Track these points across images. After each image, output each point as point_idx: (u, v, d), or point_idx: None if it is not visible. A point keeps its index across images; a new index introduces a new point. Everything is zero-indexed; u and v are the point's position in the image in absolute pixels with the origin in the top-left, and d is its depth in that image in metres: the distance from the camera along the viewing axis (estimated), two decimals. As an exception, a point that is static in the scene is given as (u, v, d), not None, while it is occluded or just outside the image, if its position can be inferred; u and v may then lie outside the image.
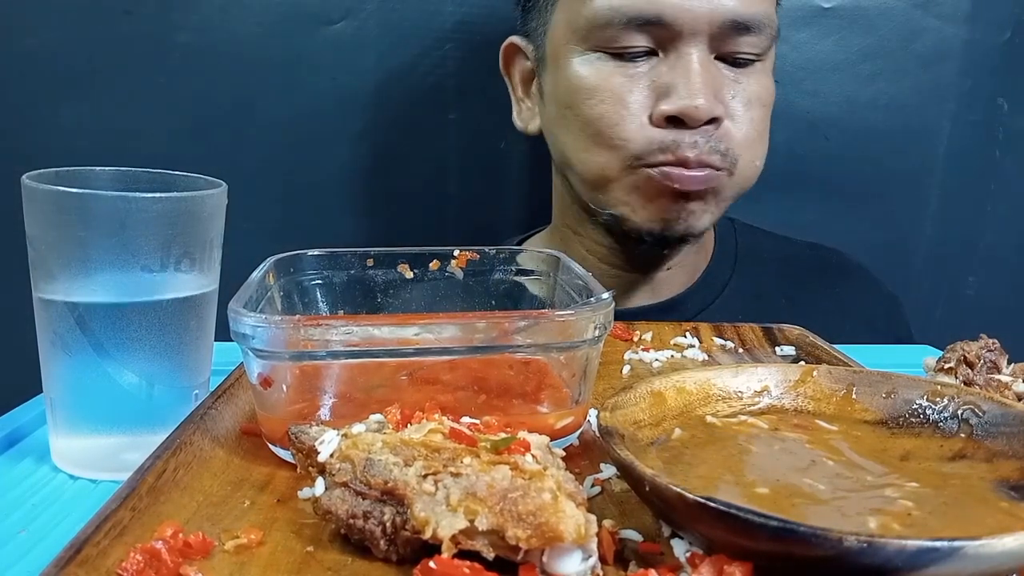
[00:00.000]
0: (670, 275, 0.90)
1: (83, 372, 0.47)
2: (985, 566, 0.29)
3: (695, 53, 0.74)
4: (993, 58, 1.08)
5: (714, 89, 0.74)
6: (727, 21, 0.74)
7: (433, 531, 0.32)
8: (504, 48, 0.87)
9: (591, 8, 0.74)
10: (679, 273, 0.90)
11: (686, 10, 0.72)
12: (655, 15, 0.72)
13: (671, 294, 0.90)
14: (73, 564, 0.32)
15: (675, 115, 0.73)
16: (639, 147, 0.75)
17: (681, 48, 0.74)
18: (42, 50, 1.00)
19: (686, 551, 0.35)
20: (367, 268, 0.59)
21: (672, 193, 0.76)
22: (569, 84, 0.78)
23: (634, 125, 0.75)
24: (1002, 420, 0.41)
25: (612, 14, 0.73)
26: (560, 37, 0.79)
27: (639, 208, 0.78)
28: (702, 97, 0.73)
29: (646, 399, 0.44)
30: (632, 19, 0.73)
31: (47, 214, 0.46)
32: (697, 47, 0.74)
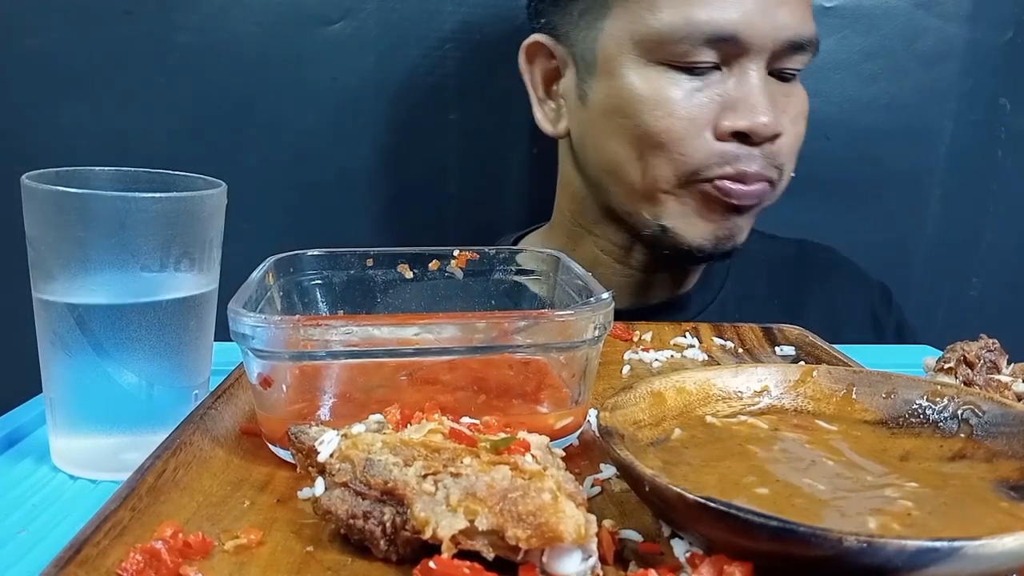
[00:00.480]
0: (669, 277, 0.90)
1: (83, 372, 0.47)
2: (985, 566, 0.29)
3: (758, 69, 0.75)
4: (995, 58, 1.08)
5: (775, 105, 0.76)
6: (789, 40, 0.75)
7: (433, 531, 0.32)
8: (528, 46, 0.85)
9: (664, 22, 0.74)
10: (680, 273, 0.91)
11: (758, 29, 0.73)
12: (731, 33, 0.72)
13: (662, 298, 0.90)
14: (73, 564, 0.32)
15: (742, 131, 0.74)
16: (700, 161, 0.75)
17: (745, 64, 0.75)
18: (42, 50, 1.00)
19: (686, 551, 0.35)
20: (367, 268, 0.58)
21: (726, 208, 0.77)
22: (630, 94, 0.77)
23: (698, 140, 0.75)
24: (1002, 420, 0.41)
25: (689, 30, 0.73)
26: (616, 46, 0.77)
27: (692, 224, 0.78)
28: (769, 114, 0.74)
29: (646, 399, 0.44)
30: (709, 36, 0.73)
31: (47, 214, 0.46)
32: (759, 63, 0.75)
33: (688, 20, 0.73)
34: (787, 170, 0.79)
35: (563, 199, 0.91)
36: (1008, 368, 0.54)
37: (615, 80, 0.78)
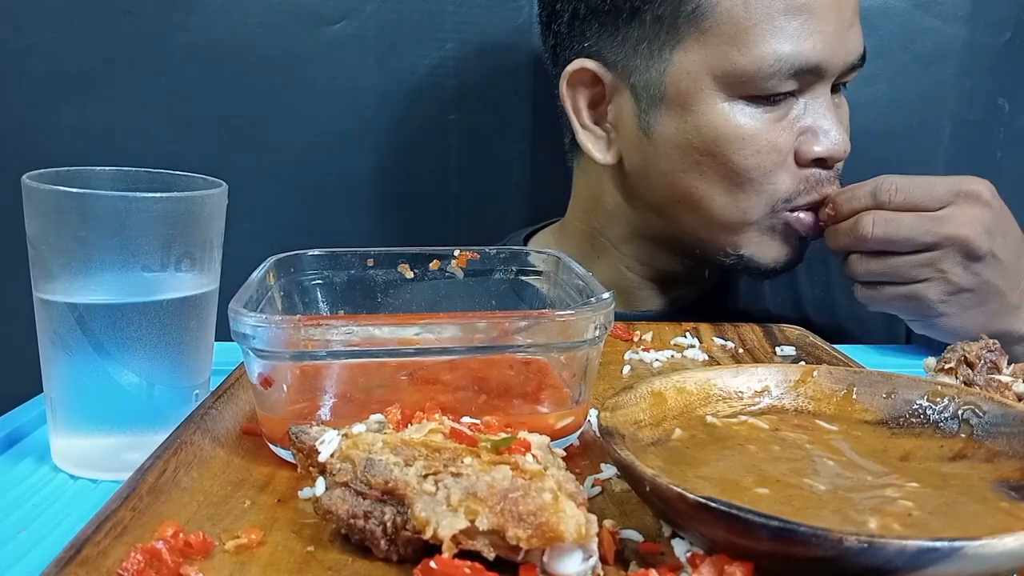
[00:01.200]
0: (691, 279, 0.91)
1: (83, 372, 0.47)
2: (985, 566, 0.29)
3: (827, 92, 0.76)
4: (993, 58, 1.08)
5: (841, 124, 0.77)
6: (855, 62, 0.76)
7: (434, 531, 0.32)
8: (573, 73, 0.80)
9: (751, 59, 0.72)
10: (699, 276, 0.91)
11: (835, 54, 0.73)
12: (816, 64, 0.73)
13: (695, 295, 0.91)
14: (73, 564, 0.32)
15: (824, 157, 0.75)
16: (788, 190, 0.76)
17: (817, 89, 0.75)
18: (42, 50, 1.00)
19: (687, 551, 0.35)
20: (367, 268, 0.59)
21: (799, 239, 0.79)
22: (714, 132, 0.75)
23: (784, 170, 0.76)
24: (1002, 420, 0.41)
25: (779, 66, 0.72)
26: (691, 80, 0.75)
27: (769, 249, 0.79)
28: (843, 136, 0.76)
29: (646, 399, 0.44)
30: (797, 69, 0.72)
31: (47, 214, 0.46)
32: (828, 85, 0.76)
33: (777, 56, 0.71)
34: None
35: (584, 211, 0.89)
36: (1008, 368, 0.54)
37: (692, 116, 0.75)
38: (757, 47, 0.72)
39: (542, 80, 1.04)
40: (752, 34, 0.72)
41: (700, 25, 0.73)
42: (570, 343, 0.44)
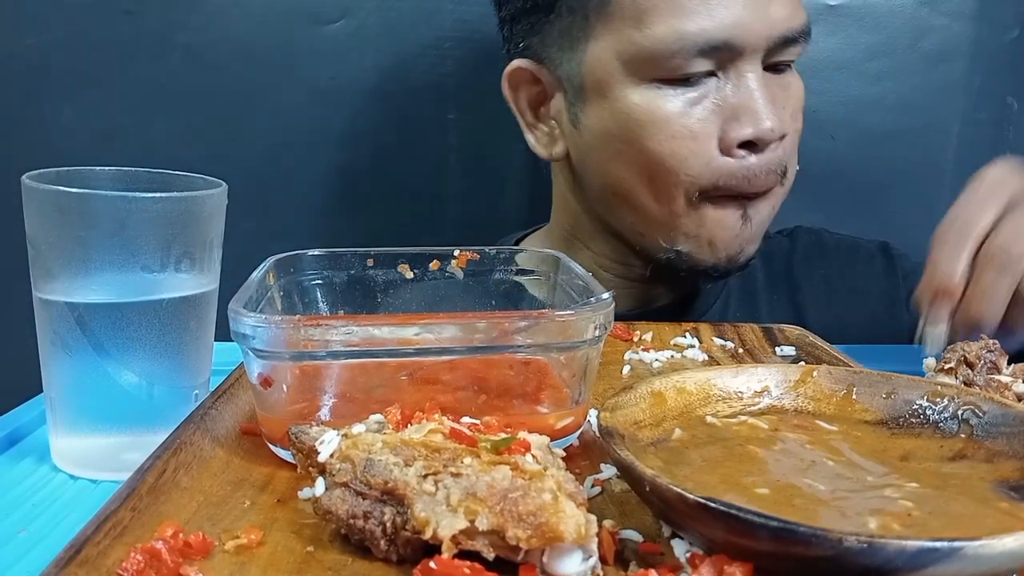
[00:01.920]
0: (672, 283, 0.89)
1: (83, 372, 0.47)
2: (985, 566, 0.29)
3: (755, 70, 0.72)
4: (1001, 56, 1.08)
5: (777, 105, 0.73)
6: (783, 35, 0.72)
7: (433, 531, 0.32)
8: (511, 73, 0.81)
9: (652, 39, 0.70)
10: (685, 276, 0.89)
11: (750, 30, 0.70)
12: (724, 39, 0.69)
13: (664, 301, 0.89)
14: (73, 564, 0.32)
15: (750, 140, 0.72)
16: (710, 179, 0.73)
17: (741, 67, 0.72)
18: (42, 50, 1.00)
19: (686, 551, 0.35)
20: (367, 268, 0.58)
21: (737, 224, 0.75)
22: (626, 119, 0.73)
23: (704, 159, 0.72)
24: (1002, 420, 0.41)
25: (681, 43, 0.69)
26: (603, 68, 0.74)
27: (705, 246, 0.76)
28: (773, 117, 0.71)
29: (646, 399, 0.44)
30: (702, 47, 0.70)
31: (47, 214, 0.46)
32: (755, 63, 0.72)
33: (678, 33, 0.69)
34: (791, 166, 0.77)
35: (559, 211, 0.90)
36: (1008, 368, 0.54)
37: (608, 103, 0.75)
38: (658, 26, 0.70)
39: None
40: (652, 14, 0.70)
41: (606, 10, 0.73)
42: (570, 343, 0.44)
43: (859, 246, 0.96)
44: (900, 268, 0.93)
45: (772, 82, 0.74)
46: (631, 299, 0.88)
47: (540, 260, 0.60)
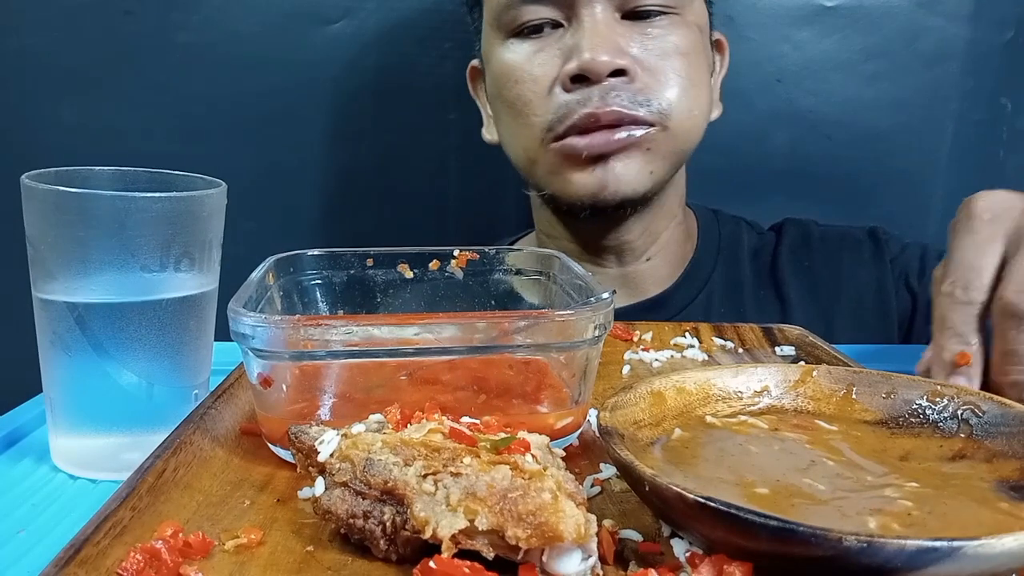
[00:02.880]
0: (652, 269, 0.89)
1: (83, 372, 0.47)
2: (985, 566, 0.29)
3: (596, 13, 0.75)
4: (996, 57, 1.08)
5: (617, 43, 0.75)
6: None
7: (433, 531, 0.32)
8: (469, 72, 0.91)
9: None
10: (662, 265, 0.89)
11: None
12: None
13: (657, 291, 0.89)
14: (73, 564, 0.32)
15: (577, 73, 0.74)
16: (550, 117, 0.76)
17: (582, 12, 0.75)
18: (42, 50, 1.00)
19: (686, 551, 0.35)
20: (367, 268, 0.59)
21: (588, 162, 0.76)
22: (494, 77, 0.82)
23: (543, 97, 0.77)
24: (1002, 420, 0.41)
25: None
26: (486, 38, 0.83)
27: (565, 183, 0.79)
28: (601, 50, 0.73)
29: (646, 399, 0.44)
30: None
31: (47, 214, 0.46)
32: (598, 7, 0.75)
33: None
34: (674, 108, 0.77)
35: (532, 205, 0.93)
36: None
37: (488, 67, 0.83)
38: None
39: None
40: None
41: None
42: (570, 343, 0.44)
43: (846, 234, 0.96)
44: (888, 252, 0.93)
45: (630, 28, 0.77)
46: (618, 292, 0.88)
47: (540, 260, 0.60)
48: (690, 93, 0.78)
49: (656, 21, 0.77)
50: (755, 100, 1.09)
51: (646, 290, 0.89)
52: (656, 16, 0.77)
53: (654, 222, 0.86)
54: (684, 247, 0.92)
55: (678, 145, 0.79)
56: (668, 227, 0.88)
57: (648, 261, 0.88)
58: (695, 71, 0.79)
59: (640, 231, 0.85)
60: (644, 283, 0.89)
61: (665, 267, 0.90)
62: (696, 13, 0.81)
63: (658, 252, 0.88)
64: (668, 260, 0.90)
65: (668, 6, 0.77)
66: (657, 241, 0.88)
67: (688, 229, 0.93)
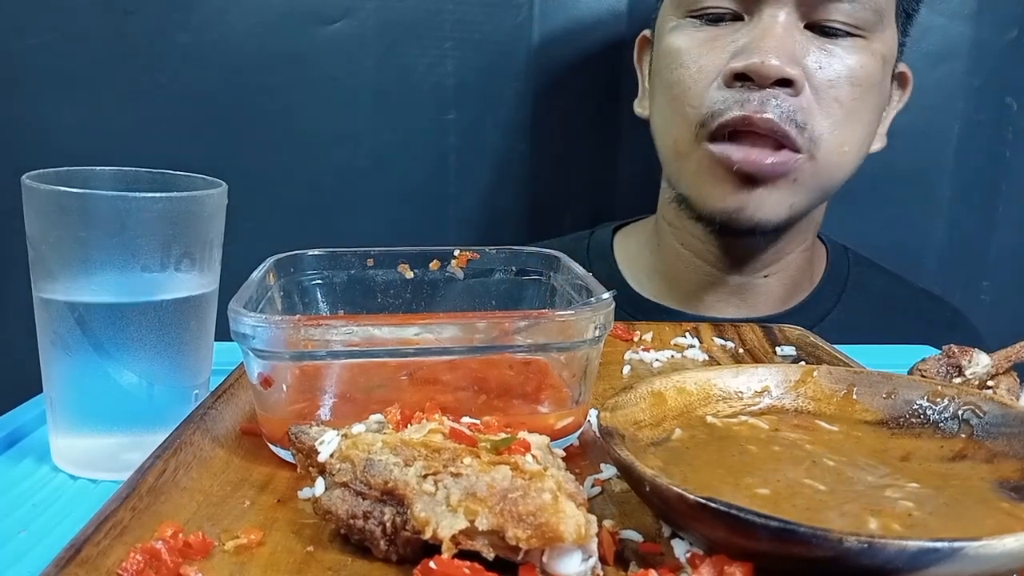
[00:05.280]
0: (767, 286, 0.86)
1: (83, 372, 0.47)
2: (985, 567, 0.29)
3: (779, 16, 0.71)
4: (1001, 57, 1.07)
5: (792, 52, 0.71)
6: None
7: (433, 531, 0.32)
8: (637, 41, 0.88)
9: None
10: (776, 286, 0.86)
11: None
12: None
13: (767, 311, 0.86)
14: (73, 564, 0.32)
15: (742, 71, 0.71)
16: (706, 109, 0.73)
17: (766, 11, 0.72)
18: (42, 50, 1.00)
19: (686, 551, 0.35)
20: (367, 268, 0.58)
21: (736, 178, 0.73)
22: (660, 53, 0.79)
23: (702, 88, 0.73)
24: (1002, 421, 0.41)
25: None
26: (663, 13, 0.80)
27: (705, 190, 0.76)
28: (772, 54, 0.70)
29: (646, 399, 0.44)
30: None
31: (47, 214, 0.46)
32: (784, 11, 0.71)
33: None
34: (824, 139, 0.73)
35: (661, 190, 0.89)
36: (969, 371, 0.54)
37: (658, 44, 0.80)
38: None
39: (541, 79, 1.04)
40: None
41: None
42: (570, 343, 0.44)
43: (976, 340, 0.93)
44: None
45: (810, 40, 0.73)
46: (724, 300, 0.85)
47: (540, 260, 0.60)
48: (848, 127, 0.75)
49: (840, 40, 0.73)
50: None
51: (757, 306, 0.86)
52: (841, 36, 0.73)
53: (786, 244, 0.83)
54: (804, 273, 0.88)
55: (822, 180, 0.76)
56: (795, 251, 0.85)
57: (766, 278, 0.85)
58: (863, 104, 0.75)
59: (767, 247, 0.83)
60: (756, 299, 0.86)
61: (781, 289, 0.86)
62: (885, 42, 0.76)
63: (778, 272, 0.85)
64: (785, 283, 0.86)
65: (856, 27, 0.73)
66: (781, 261, 0.84)
67: (813, 258, 0.90)
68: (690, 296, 0.87)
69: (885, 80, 0.79)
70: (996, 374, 0.54)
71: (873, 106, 0.78)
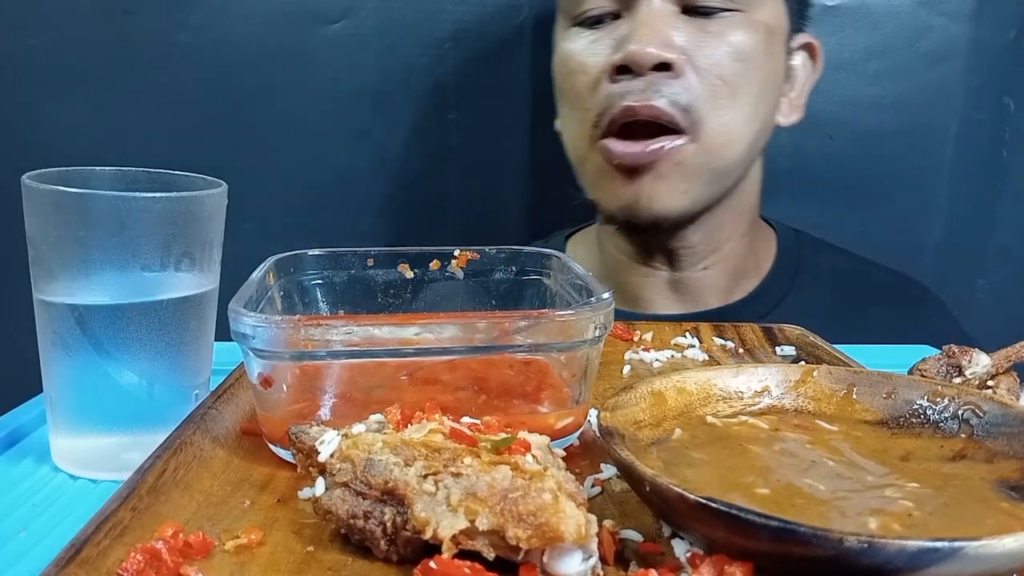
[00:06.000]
0: (709, 279, 0.85)
1: (83, 372, 0.47)
2: (985, 566, 0.29)
3: (654, 4, 0.73)
4: (999, 57, 1.08)
5: (668, 37, 0.72)
6: None
7: (433, 531, 0.32)
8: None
9: None
10: (718, 277, 0.85)
11: None
12: None
13: (715, 303, 0.85)
14: (73, 564, 0.32)
15: (622, 63, 0.72)
16: (597, 108, 0.74)
17: (641, 3, 0.73)
18: (42, 50, 1.00)
19: (686, 551, 0.35)
20: (367, 268, 0.58)
21: (621, 172, 0.74)
22: (555, 65, 0.80)
23: (592, 88, 0.75)
24: (1002, 420, 0.41)
25: None
26: (557, 25, 0.82)
27: (601, 191, 0.77)
28: (647, 41, 0.71)
29: (646, 399, 0.43)
30: None
31: (47, 214, 0.46)
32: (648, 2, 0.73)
33: None
34: (708, 119, 0.73)
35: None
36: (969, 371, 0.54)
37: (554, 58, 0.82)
38: None
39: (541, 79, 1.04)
40: None
41: None
42: (570, 343, 0.44)
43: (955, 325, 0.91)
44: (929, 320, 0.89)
45: (688, 23, 0.73)
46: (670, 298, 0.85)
47: (540, 260, 0.60)
48: (733, 106, 0.74)
49: (717, 18, 0.73)
50: (755, 100, 1.08)
51: (702, 300, 0.86)
52: (717, 13, 0.73)
53: (717, 232, 0.82)
54: (748, 262, 0.87)
55: (712, 163, 0.75)
56: (732, 238, 0.84)
57: (704, 270, 0.84)
58: (748, 79, 0.75)
59: (699, 239, 0.82)
60: (699, 293, 0.85)
61: (724, 279, 0.86)
62: (768, 12, 0.76)
63: (717, 263, 0.84)
64: (728, 273, 0.86)
65: (732, 3, 0.73)
66: (718, 251, 0.84)
67: (757, 244, 0.88)
68: (636, 297, 0.87)
69: (774, 51, 0.77)
70: (996, 374, 0.54)
71: (761, 80, 0.76)
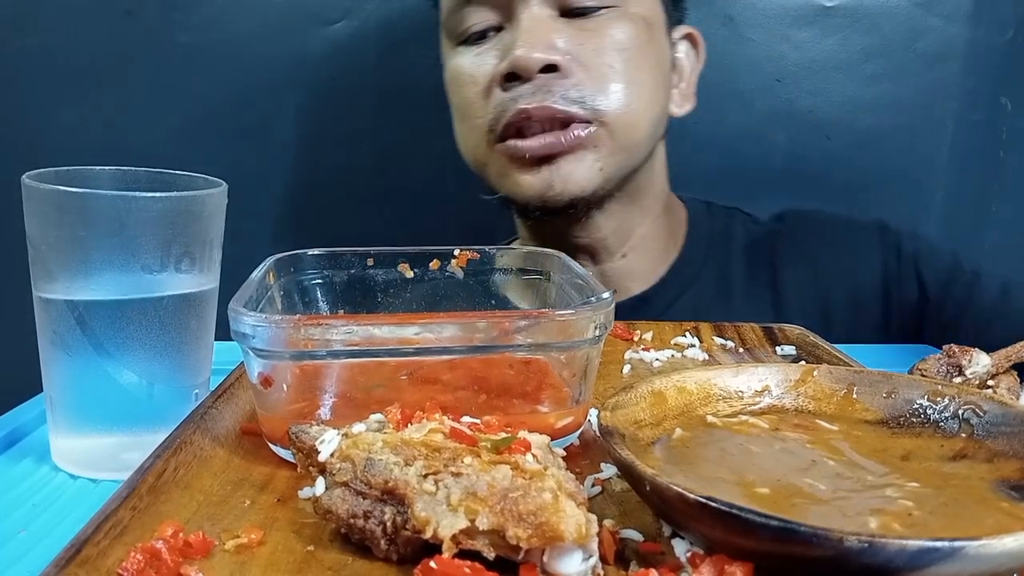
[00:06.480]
0: (630, 267, 0.87)
1: (83, 371, 0.47)
2: (986, 566, 0.29)
3: (532, 11, 0.75)
4: (996, 57, 1.08)
5: (549, 40, 0.74)
6: None
7: (434, 531, 0.32)
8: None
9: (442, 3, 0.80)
10: (640, 262, 0.87)
11: None
12: None
13: (638, 289, 0.87)
14: (73, 564, 0.32)
15: (510, 71, 0.74)
16: (490, 118, 0.76)
17: (520, 13, 0.75)
18: (42, 50, 1.00)
19: (687, 551, 0.35)
20: (367, 268, 0.59)
21: (528, 161, 0.76)
22: (446, 83, 0.83)
23: (483, 98, 0.77)
24: (1003, 420, 0.41)
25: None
26: (442, 44, 0.84)
27: (513, 185, 0.78)
28: (530, 46, 0.73)
29: (647, 399, 0.43)
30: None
31: (47, 214, 0.46)
32: (534, 7, 0.75)
33: None
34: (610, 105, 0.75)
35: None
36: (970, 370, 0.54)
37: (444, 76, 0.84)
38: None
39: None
40: None
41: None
42: (570, 343, 0.44)
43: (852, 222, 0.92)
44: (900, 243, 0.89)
45: (568, 25, 0.76)
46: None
47: (540, 259, 0.60)
48: (630, 89, 0.77)
49: (595, 16, 0.77)
50: (755, 100, 1.09)
51: (628, 288, 0.87)
52: (594, 12, 0.76)
53: (627, 219, 0.84)
54: (667, 243, 0.89)
55: (622, 141, 0.77)
56: (644, 223, 0.86)
57: (624, 258, 0.87)
58: (637, 64, 0.78)
59: (611, 228, 0.84)
60: (624, 281, 0.87)
61: (644, 264, 0.88)
62: (642, 6, 0.79)
63: (634, 249, 0.86)
64: (647, 257, 0.88)
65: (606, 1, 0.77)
66: (632, 238, 0.86)
67: (673, 224, 0.90)
68: None
69: (656, 40, 0.81)
70: (996, 373, 0.54)
71: (651, 65, 0.80)
